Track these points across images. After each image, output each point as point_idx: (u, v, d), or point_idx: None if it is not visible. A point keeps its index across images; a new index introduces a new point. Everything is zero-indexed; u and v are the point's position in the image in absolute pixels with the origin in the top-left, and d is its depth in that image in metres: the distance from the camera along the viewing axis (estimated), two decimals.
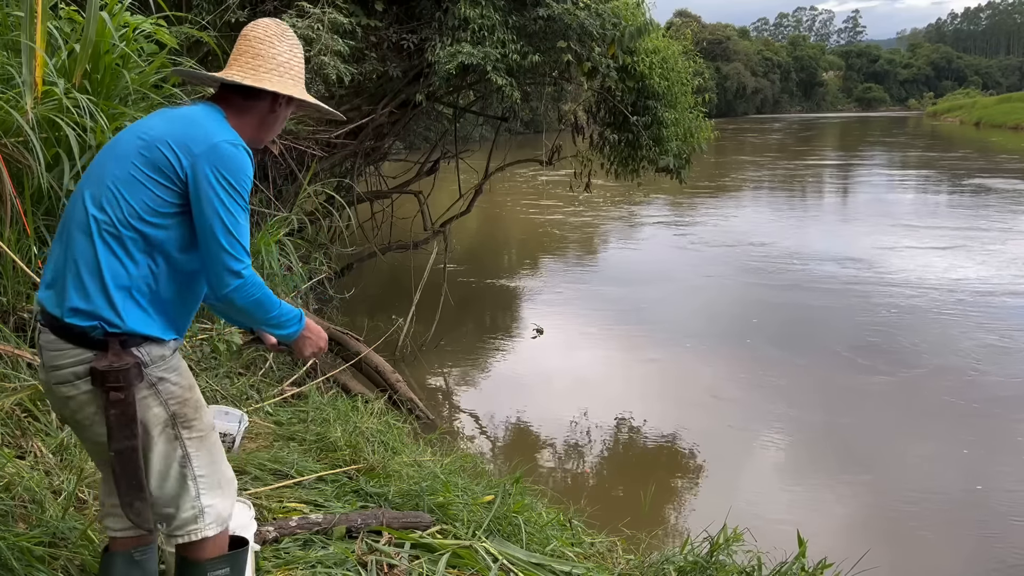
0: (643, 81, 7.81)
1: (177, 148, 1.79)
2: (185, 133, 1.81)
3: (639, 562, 3.30)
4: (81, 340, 1.75)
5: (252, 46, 1.96)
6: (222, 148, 1.80)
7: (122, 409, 1.76)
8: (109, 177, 1.81)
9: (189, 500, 1.89)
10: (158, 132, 1.83)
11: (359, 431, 3.94)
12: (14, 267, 3.32)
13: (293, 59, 2.00)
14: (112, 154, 1.87)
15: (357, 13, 6.36)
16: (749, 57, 77.14)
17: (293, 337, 2.01)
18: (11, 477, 2.55)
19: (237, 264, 1.80)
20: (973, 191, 19.51)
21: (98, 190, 1.81)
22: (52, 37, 3.67)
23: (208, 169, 1.78)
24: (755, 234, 14.17)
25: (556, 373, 7.53)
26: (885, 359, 7.56)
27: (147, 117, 1.98)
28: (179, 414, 1.86)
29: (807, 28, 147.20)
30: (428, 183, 9.85)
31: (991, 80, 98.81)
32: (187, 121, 1.85)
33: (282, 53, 1.97)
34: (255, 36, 1.98)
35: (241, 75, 1.92)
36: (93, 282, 1.75)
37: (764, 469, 5.56)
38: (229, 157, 1.80)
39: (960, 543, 4.67)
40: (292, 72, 1.99)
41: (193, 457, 1.89)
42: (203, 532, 1.91)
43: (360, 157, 8.32)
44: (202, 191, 1.78)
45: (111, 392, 1.74)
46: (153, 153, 1.79)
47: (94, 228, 1.77)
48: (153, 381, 1.81)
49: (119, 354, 1.75)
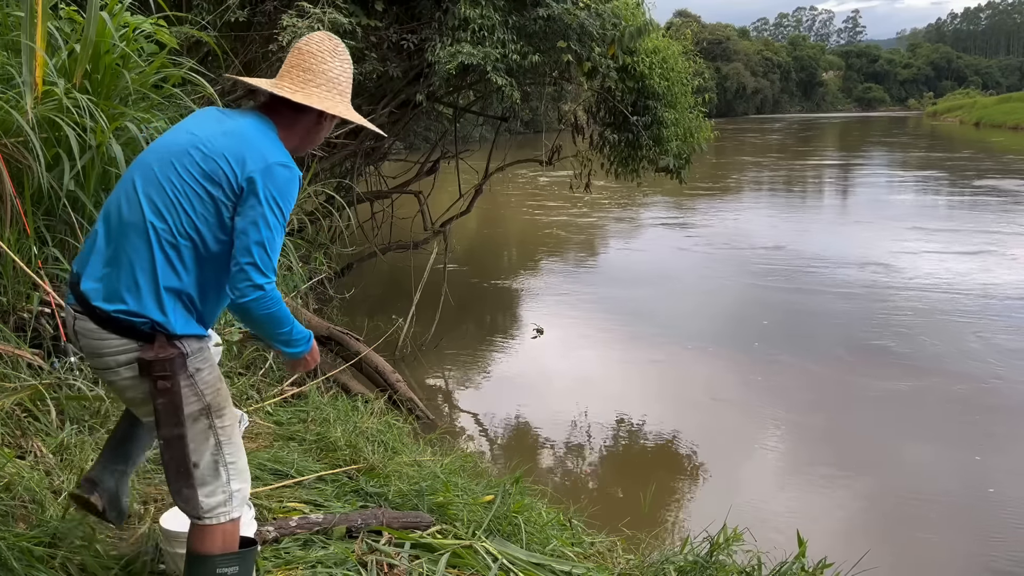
0: (643, 81, 7.82)
1: (234, 163, 1.88)
2: (242, 149, 1.90)
3: (639, 562, 3.30)
4: (128, 332, 1.85)
5: (304, 60, 2.03)
6: (276, 171, 1.90)
7: (169, 398, 1.87)
8: (168, 183, 1.89)
9: (220, 485, 1.97)
10: (216, 146, 1.90)
11: (359, 431, 3.94)
12: (14, 267, 3.32)
13: (342, 75, 2.06)
14: (167, 157, 1.93)
15: (357, 13, 6.36)
16: (749, 57, 77.14)
17: (297, 357, 2.09)
18: (11, 477, 2.54)
19: (262, 278, 1.87)
20: (986, 193, 19.13)
21: (157, 194, 1.88)
22: (52, 37, 3.67)
23: (260, 186, 1.87)
24: (763, 236, 14.13)
25: (556, 373, 7.53)
26: (898, 363, 7.45)
27: (201, 121, 2.02)
28: (213, 404, 1.95)
29: (807, 28, 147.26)
30: (428, 183, 9.85)
31: (991, 80, 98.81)
32: (244, 138, 1.93)
33: (332, 69, 2.04)
34: (308, 51, 2.04)
35: (292, 89, 2.00)
36: (147, 284, 1.85)
37: (764, 469, 5.56)
38: (282, 180, 1.90)
39: (961, 544, 4.66)
40: (340, 88, 2.06)
41: (224, 445, 1.98)
42: (231, 515, 1.98)
43: (360, 157, 8.32)
44: (250, 202, 1.87)
45: (159, 381, 1.85)
46: (210, 166, 1.88)
47: (152, 234, 1.85)
48: (191, 372, 1.90)
49: (164, 346, 1.85)
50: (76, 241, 3.58)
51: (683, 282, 11.11)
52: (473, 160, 9.98)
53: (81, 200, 3.69)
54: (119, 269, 1.86)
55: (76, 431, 3.05)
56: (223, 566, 1.97)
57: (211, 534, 1.97)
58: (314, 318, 5.93)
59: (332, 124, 2.12)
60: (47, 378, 3.16)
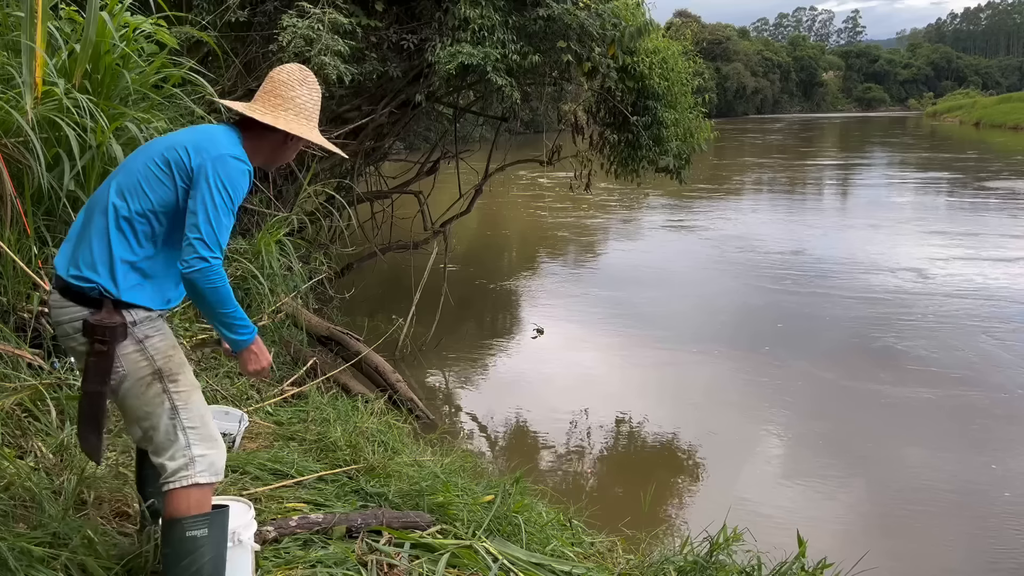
0: (643, 81, 7.81)
1: (191, 150, 2.09)
2: (202, 141, 2.12)
3: (639, 562, 3.30)
4: (79, 299, 2.02)
5: (275, 87, 2.26)
6: (227, 160, 2.09)
7: (100, 359, 2.02)
8: (136, 172, 2.10)
9: (180, 449, 2.08)
10: (181, 139, 2.15)
11: (359, 431, 3.94)
12: (14, 267, 3.32)
13: (309, 102, 2.28)
14: (143, 154, 2.17)
15: (357, 13, 6.36)
16: (749, 57, 77.09)
17: (241, 346, 2.17)
18: (11, 477, 2.55)
19: (207, 251, 2.01)
20: (1006, 196, 18.75)
21: (124, 181, 2.10)
22: (52, 37, 3.67)
23: (210, 171, 2.05)
24: (767, 237, 14.10)
25: (556, 373, 7.53)
26: (907, 367, 7.41)
27: (179, 131, 2.30)
28: (164, 369, 2.08)
29: (807, 28, 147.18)
30: (428, 183, 9.85)
31: (991, 80, 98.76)
32: (206, 134, 2.17)
33: (300, 96, 2.26)
34: (279, 79, 2.27)
35: (261, 112, 2.22)
36: (101, 255, 2.02)
37: (765, 469, 5.56)
38: (232, 168, 2.08)
39: (961, 545, 4.67)
40: (306, 113, 2.27)
41: (181, 409, 2.09)
42: (194, 479, 2.07)
43: (360, 157, 8.31)
44: (200, 185, 2.04)
45: (96, 343, 2.00)
46: (172, 154, 2.09)
47: (111, 213, 2.05)
48: (140, 338, 2.05)
49: (111, 313, 2.01)
50: None
51: (684, 283, 11.11)
52: (473, 160, 9.98)
53: (81, 200, 3.68)
54: (82, 243, 2.06)
55: (76, 431, 3.05)
56: (192, 528, 2.05)
57: (177, 498, 2.05)
58: (314, 318, 5.93)
59: (298, 145, 2.32)
60: (47, 378, 3.16)
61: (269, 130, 2.22)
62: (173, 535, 2.06)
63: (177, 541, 2.05)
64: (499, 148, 9.57)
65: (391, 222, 9.80)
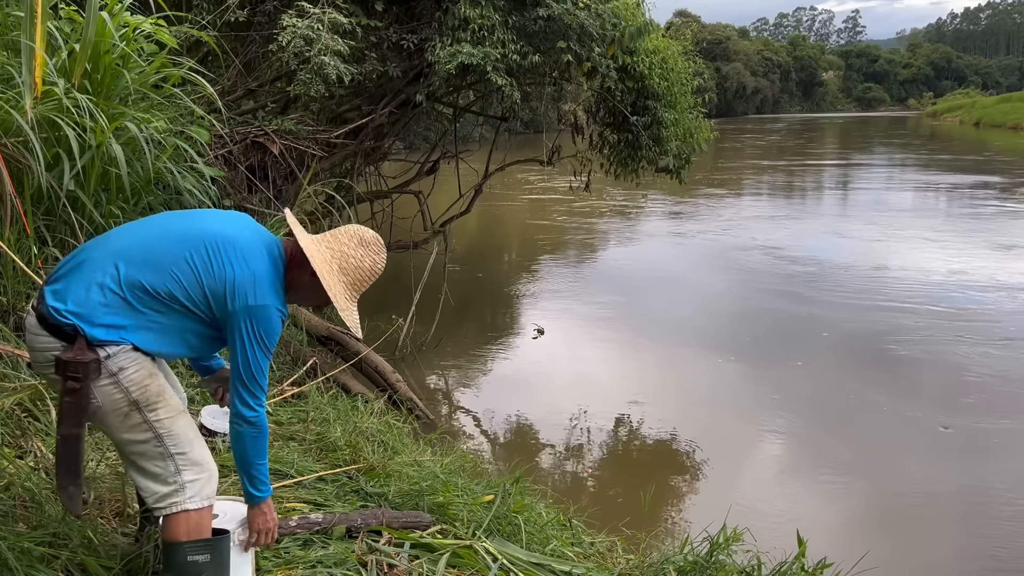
0: (643, 81, 7.82)
1: (232, 291, 2.03)
2: (245, 282, 2.05)
3: (639, 562, 3.30)
4: (54, 331, 1.95)
5: (335, 234, 2.25)
6: (267, 311, 2.07)
7: (75, 399, 1.94)
8: (160, 251, 2.03)
9: (170, 475, 2.05)
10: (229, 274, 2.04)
11: (359, 431, 3.94)
12: (14, 267, 3.32)
13: (352, 257, 2.22)
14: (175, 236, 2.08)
15: (357, 13, 6.36)
16: (749, 57, 77.07)
17: (257, 501, 2.19)
18: (11, 477, 2.54)
19: (252, 401, 2.08)
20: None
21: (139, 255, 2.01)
22: (52, 37, 3.67)
23: (249, 323, 2.04)
24: (772, 238, 14.10)
25: (557, 373, 7.52)
26: (908, 369, 7.38)
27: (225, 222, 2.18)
28: (141, 400, 2.02)
29: (807, 28, 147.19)
30: (428, 183, 9.85)
31: (991, 80, 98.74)
32: (252, 273, 2.07)
33: (347, 245, 2.22)
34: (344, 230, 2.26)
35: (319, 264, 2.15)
36: (94, 300, 1.96)
37: (765, 469, 5.56)
38: (270, 318, 2.07)
39: (961, 545, 4.67)
40: (345, 266, 2.21)
41: (165, 436, 2.05)
42: (184, 504, 2.04)
43: (360, 157, 8.31)
44: (237, 335, 2.05)
45: (68, 380, 1.93)
46: (210, 275, 2.03)
47: (123, 268, 1.98)
48: (114, 371, 1.97)
49: (83, 349, 1.93)
50: (76, 241, 3.59)
51: (685, 284, 11.11)
52: (473, 160, 9.98)
53: (81, 200, 3.69)
54: (75, 282, 1.98)
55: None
56: (192, 553, 2.03)
57: (174, 523, 2.04)
58: (314, 318, 5.93)
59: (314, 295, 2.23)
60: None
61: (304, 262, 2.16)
62: (175, 559, 2.03)
63: (178, 566, 2.03)
64: (499, 148, 9.57)
65: (391, 222, 9.80)
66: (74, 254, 2.08)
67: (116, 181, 3.82)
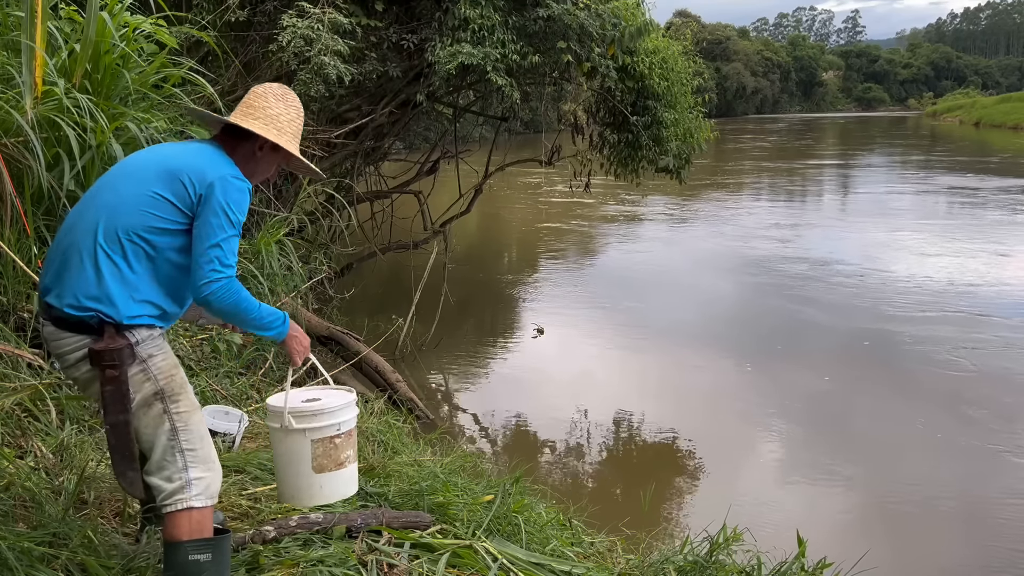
0: (643, 81, 7.82)
1: (194, 178, 2.07)
2: (201, 164, 2.11)
3: (639, 562, 3.30)
4: (79, 328, 1.97)
5: (249, 100, 2.28)
6: (229, 181, 2.10)
7: (116, 386, 1.97)
8: (128, 195, 2.06)
9: (177, 471, 2.04)
10: (178, 164, 2.10)
11: (359, 431, 3.93)
12: (14, 267, 3.32)
13: (283, 115, 2.28)
14: (125, 175, 2.13)
15: (357, 13, 6.36)
16: (749, 57, 77.07)
17: (281, 337, 2.23)
18: (11, 477, 2.55)
19: (221, 268, 2.03)
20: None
21: (113, 202, 2.05)
22: (52, 37, 3.67)
23: (217, 194, 2.06)
24: (774, 238, 14.11)
25: (556, 373, 7.53)
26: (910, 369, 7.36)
27: (160, 146, 2.30)
28: (166, 389, 2.05)
29: (807, 28, 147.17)
30: (428, 183, 9.85)
31: (991, 80, 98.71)
32: (203, 156, 2.15)
33: (272, 107, 2.27)
34: (255, 93, 2.30)
35: (232, 119, 2.23)
36: (95, 281, 1.98)
37: (764, 469, 5.56)
38: (233, 188, 2.10)
39: (961, 544, 4.67)
40: (278, 124, 2.26)
41: (181, 431, 2.05)
42: (190, 502, 2.03)
43: (360, 157, 8.32)
44: (207, 212, 2.05)
45: (107, 370, 1.95)
46: (174, 185, 2.06)
47: (100, 235, 2.00)
48: (143, 358, 2.01)
49: (114, 337, 1.96)
50: None
51: (685, 284, 11.12)
52: (473, 160, 9.98)
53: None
54: (70, 269, 2.00)
55: (76, 431, 3.05)
56: (194, 552, 2.01)
57: (177, 520, 2.02)
58: (314, 318, 5.93)
59: (272, 159, 2.30)
60: (47, 378, 3.16)
61: (241, 140, 2.22)
62: (176, 558, 2.02)
63: (180, 565, 2.01)
64: (499, 148, 9.58)
65: (391, 222, 9.81)
66: (52, 252, 2.10)
67: None
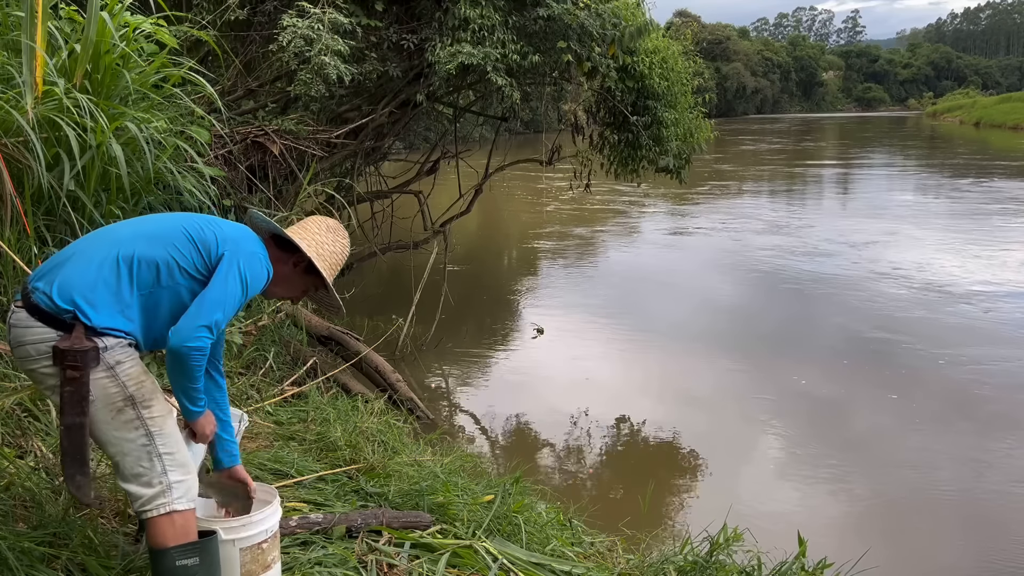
0: (643, 81, 7.82)
1: (221, 239, 2.15)
2: (235, 235, 2.20)
3: (639, 562, 3.30)
4: (50, 321, 1.94)
5: (303, 223, 2.42)
6: (260, 260, 2.20)
7: (75, 387, 1.94)
8: (163, 227, 2.15)
9: (156, 476, 2.02)
10: (213, 225, 2.20)
11: (359, 431, 3.94)
12: (14, 267, 3.32)
13: (327, 245, 2.37)
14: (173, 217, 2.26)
15: (357, 13, 6.36)
16: (749, 57, 77.10)
17: (195, 416, 2.19)
18: (11, 477, 2.55)
19: (209, 337, 2.03)
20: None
21: (148, 230, 2.13)
22: (52, 37, 3.67)
23: (242, 263, 2.13)
24: (776, 241, 14.10)
25: (556, 373, 7.52)
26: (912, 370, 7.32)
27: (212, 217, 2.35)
28: (137, 395, 2.02)
29: (807, 28, 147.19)
30: (428, 183, 9.84)
31: (991, 80, 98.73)
32: (241, 232, 2.25)
33: (321, 235, 2.37)
34: (311, 219, 2.43)
35: (285, 233, 2.31)
36: (91, 285, 1.98)
37: (765, 469, 5.56)
38: (260, 268, 2.19)
39: (961, 544, 4.67)
40: (320, 250, 2.34)
41: (156, 435, 2.04)
42: (172, 506, 2.02)
43: (360, 157, 8.31)
44: (228, 271, 2.10)
45: (68, 370, 1.92)
46: (202, 233, 2.14)
47: (122, 249, 2.04)
48: (111, 364, 1.98)
49: (81, 338, 1.93)
50: None
51: (685, 284, 11.11)
52: (473, 160, 9.97)
53: (81, 200, 3.69)
54: (69, 269, 2.01)
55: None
56: (181, 557, 2.00)
57: (160, 526, 2.00)
58: (314, 318, 5.93)
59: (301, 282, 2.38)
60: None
61: (283, 252, 2.30)
62: (163, 565, 2.00)
63: (167, 572, 2.00)
64: (499, 148, 9.57)
65: (391, 222, 9.80)
66: (62, 252, 2.11)
67: (116, 181, 3.82)
